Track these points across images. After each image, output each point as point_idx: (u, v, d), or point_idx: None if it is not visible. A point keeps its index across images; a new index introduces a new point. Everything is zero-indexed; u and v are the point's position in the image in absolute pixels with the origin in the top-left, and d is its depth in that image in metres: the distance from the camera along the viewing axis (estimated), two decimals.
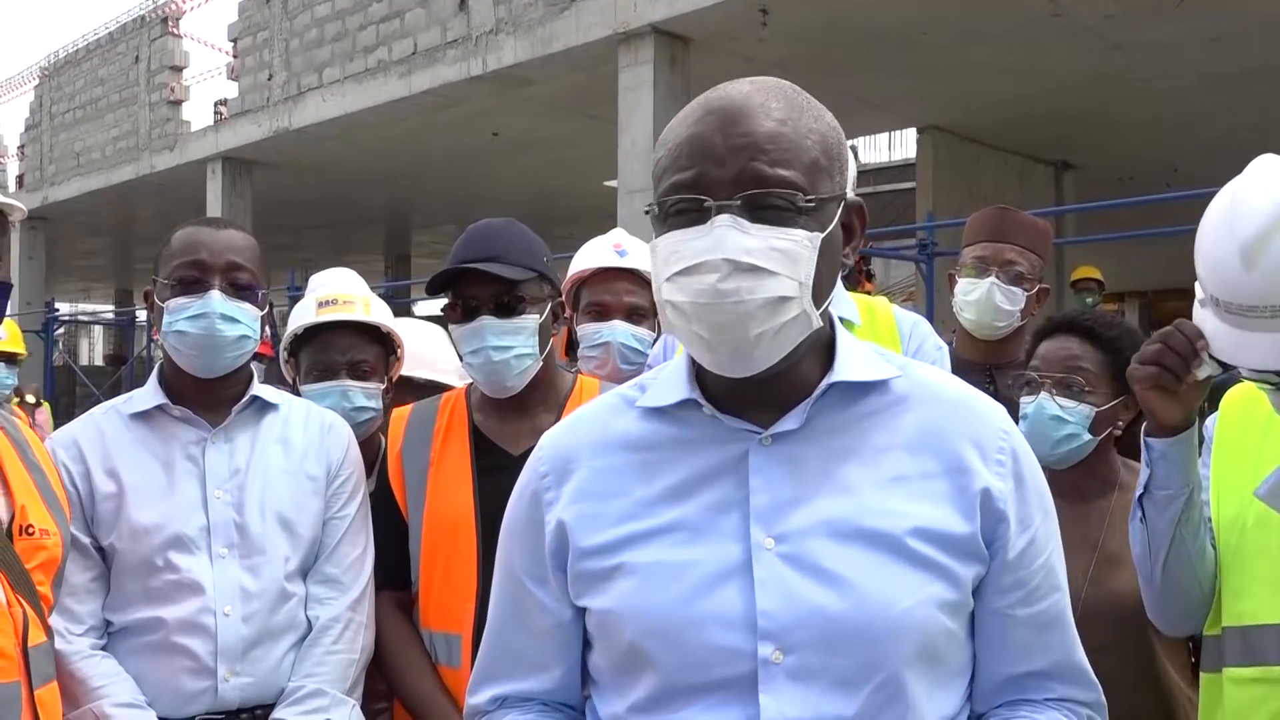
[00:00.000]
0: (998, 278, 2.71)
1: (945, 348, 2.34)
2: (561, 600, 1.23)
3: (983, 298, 2.70)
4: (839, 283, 2.29)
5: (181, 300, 1.93)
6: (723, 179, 1.09)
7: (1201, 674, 1.79)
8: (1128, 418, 2.18)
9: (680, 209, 1.12)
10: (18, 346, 5.03)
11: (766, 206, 1.09)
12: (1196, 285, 1.58)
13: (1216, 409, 1.86)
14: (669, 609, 1.12)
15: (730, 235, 1.08)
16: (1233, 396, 1.81)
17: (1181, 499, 1.68)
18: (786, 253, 1.09)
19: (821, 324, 1.15)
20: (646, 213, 1.16)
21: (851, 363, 1.19)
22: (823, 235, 1.11)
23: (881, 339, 2.19)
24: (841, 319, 2.23)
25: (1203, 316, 1.58)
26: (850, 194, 1.19)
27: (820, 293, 1.13)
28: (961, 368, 2.48)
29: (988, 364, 2.77)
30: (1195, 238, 1.55)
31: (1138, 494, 1.73)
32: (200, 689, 1.83)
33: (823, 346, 1.20)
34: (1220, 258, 1.49)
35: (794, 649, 1.09)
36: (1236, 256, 1.45)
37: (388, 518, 2.05)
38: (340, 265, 2.94)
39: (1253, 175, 1.51)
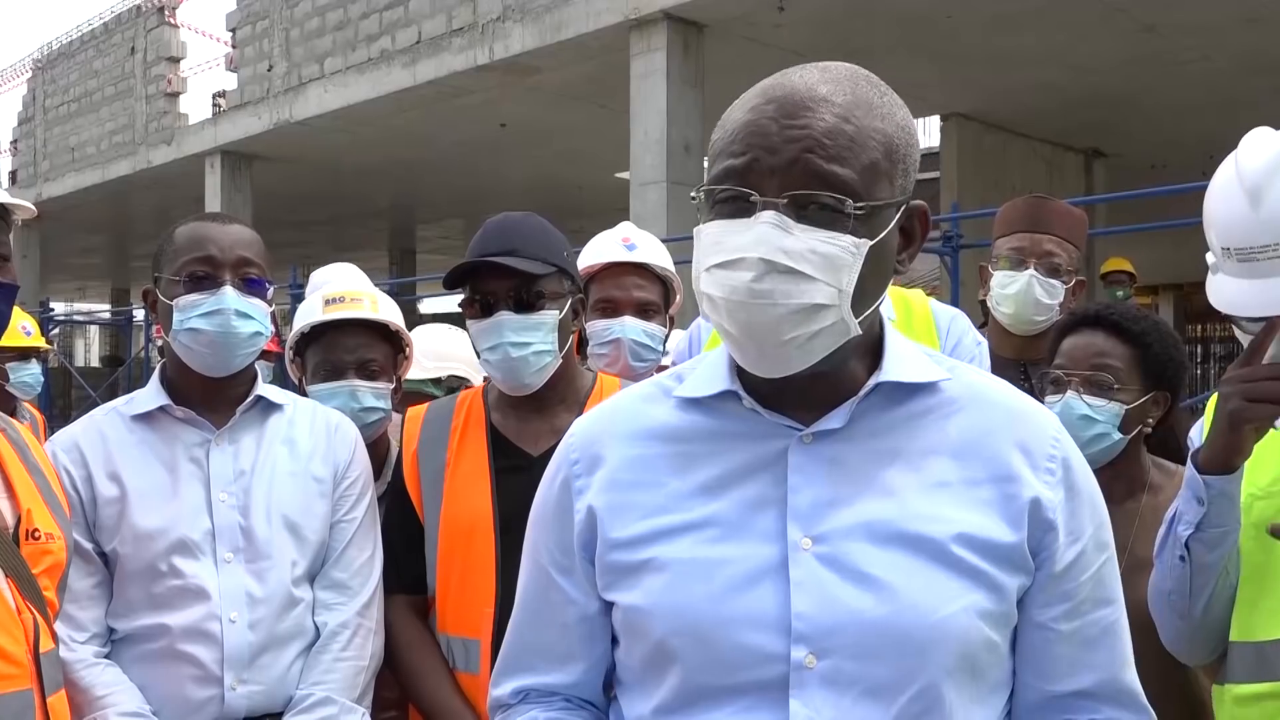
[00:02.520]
0: (1036, 269, 2.68)
1: (984, 343, 2.32)
2: (589, 591, 1.23)
3: (1022, 290, 2.67)
4: None
5: (193, 297, 1.94)
6: (774, 168, 1.08)
7: (1214, 686, 1.78)
8: (1157, 415, 2.17)
9: (727, 198, 1.11)
10: (42, 340, 5.12)
11: (816, 206, 1.08)
12: (1207, 256, 1.64)
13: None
14: (700, 607, 1.12)
15: (771, 234, 1.07)
16: None
17: (1234, 534, 1.65)
18: (828, 258, 1.08)
19: (859, 333, 1.13)
20: (693, 199, 1.16)
21: (900, 363, 1.19)
22: (871, 243, 1.09)
23: (918, 334, 2.17)
24: None
25: (1216, 283, 1.62)
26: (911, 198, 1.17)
27: (863, 301, 1.11)
28: (995, 365, 2.45)
29: (1023, 360, 2.74)
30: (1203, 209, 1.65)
31: (1183, 534, 1.67)
32: (206, 698, 1.84)
33: (870, 345, 1.19)
34: (1228, 206, 1.58)
35: (828, 654, 1.09)
36: (1243, 199, 1.56)
37: (403, 519, 2.06)
38: (343, 261, 2.97)
39: (1251, 136, 1.64)
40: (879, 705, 1.08)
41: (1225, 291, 1.60)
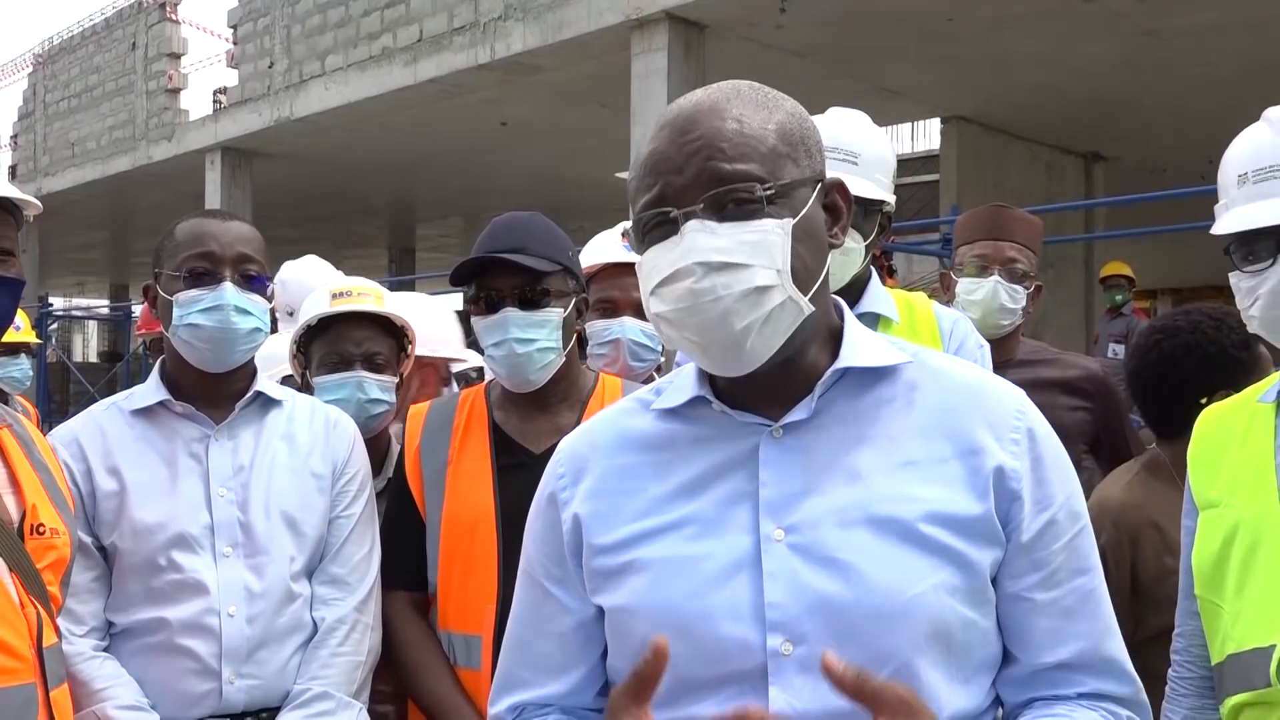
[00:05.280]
0: (1000, 275, 2.77)
1: (987, 346, 2.36)
2: (583, 598, 1.27)
3: (988, 296, 2.76)
4: (875, 279, 2.31)
5: (193, 293, 1.96)
6: (684, 185, 1.15)
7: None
8: None
9: (653, 224, 1.17)
10: (31, 335, 5.13)
11: (732, 203, 1.14)
12: (1215, 208, 1.67)
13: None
14: (680, 603, 1.16)
15: (699, 239, 1.13)
16: (1206, 416, 1.77)
17: None
18: (757, 244, 1.13)
19: (812, 309, 1.17)
20: (624, 236, 1.21)
21: (859, 349, 1.22)
22: (794, 221, 1.15)
23: (921, 337, 2.21)
24: (880, 316, 2.25)
25: (1227, 216, 1.64)
26: (828, 174, 1.23)
27: (805, 278, 1.16)
28: None
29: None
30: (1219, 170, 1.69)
31: None
32: (204, 691, 1.86)
33: (829, 336, 1.23)
34: (1252, 138, 1.64)
35: (803, 640, 1.12)
36: (1267, 128, 1.62)
37: (405, 516, 2.07)
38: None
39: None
40: None
41: (1237, 215, 1.62)
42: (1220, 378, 2.23)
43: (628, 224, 2.81)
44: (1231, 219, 1.62)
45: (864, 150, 2.22)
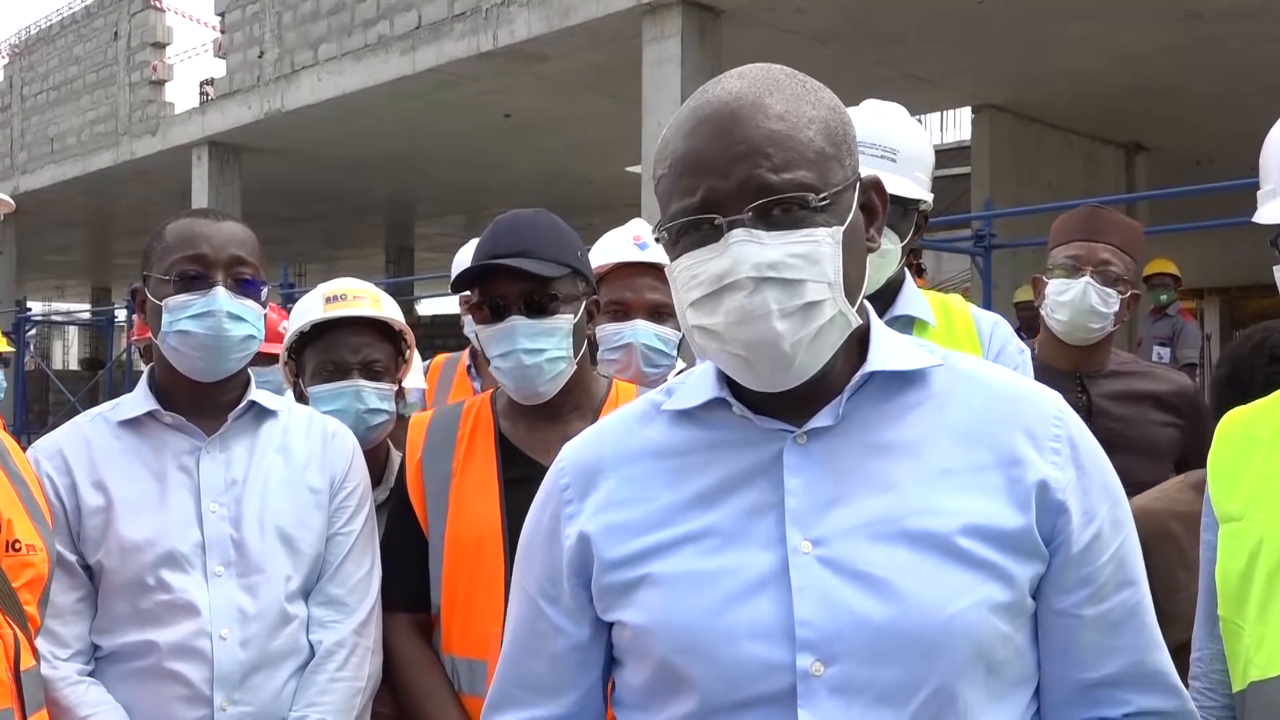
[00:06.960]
0: (1092, 278, 2.78)
1: (1028, 351, 2.37)
2: (578, 619, 1.27)
3: (1077, 298, 2.78)
4: (910, 281, 2.31)
5: (183, 298, 1.96)
6: (728, 192, 1.13)
7: None
8: None
9: (691, 226, 1.15)
10: (2, 342, 5.16)
11: (780, 209, 1.13)
12: (1259, 194, 1.63)
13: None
14: (700, 621, 1.15)
15: (748, 250, 1.12)
16: (1229, 422, 1.74)
17: None
18: (808, 255, 1.13)
19: (860, 321, 1.18)
20: (657, 240, 1.21)
21: (887, 352, 1.22)
22: (843, 228, 1.15)
23: (958, 341, 2.20)
24: (915, 320, 2.25)
25: (1271, 208, 1.60)
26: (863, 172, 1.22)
27: (852, 287, 1.16)
28: (1049, 376, 2.51)
29: (1078, 372, 2.84)
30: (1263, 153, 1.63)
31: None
32: (195, 719, 1.86)
33: (856, 338, 1.23)
34: None
35: (835, 660, 1.12)
36: None
37: (406, 532, 2.08)
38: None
39: None
40: (891, 710, 1.11)
41: None
42: None
43: (641, 221, 2.83)
44: (1278, 207, 1.60)
45: (903, 146, 2.23)
